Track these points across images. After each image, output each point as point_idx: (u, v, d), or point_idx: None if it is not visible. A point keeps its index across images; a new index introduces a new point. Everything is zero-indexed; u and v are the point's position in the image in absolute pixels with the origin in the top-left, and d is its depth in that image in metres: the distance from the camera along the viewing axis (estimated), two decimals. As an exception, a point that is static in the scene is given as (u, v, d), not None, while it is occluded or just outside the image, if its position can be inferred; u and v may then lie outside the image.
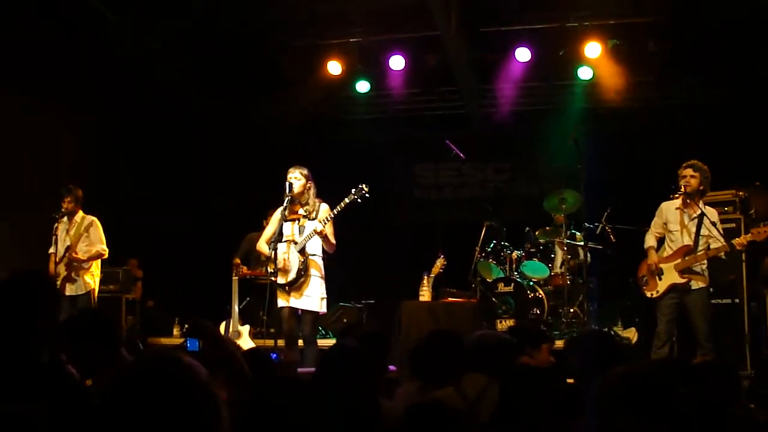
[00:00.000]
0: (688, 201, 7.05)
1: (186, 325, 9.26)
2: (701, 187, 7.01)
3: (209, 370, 1.75)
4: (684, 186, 6.97)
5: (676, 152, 10.03)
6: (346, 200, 6.92)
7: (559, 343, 7.87)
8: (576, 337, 4.84)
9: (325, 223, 6.90)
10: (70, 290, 8.21)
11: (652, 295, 7.13)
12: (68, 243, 8.27)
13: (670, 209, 7.19)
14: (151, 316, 10.41)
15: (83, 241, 8.34)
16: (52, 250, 8.28)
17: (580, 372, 3.89)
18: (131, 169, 10.17)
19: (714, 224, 6.91)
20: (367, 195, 6.93)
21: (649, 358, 6.79)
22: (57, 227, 8.31)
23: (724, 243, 6.81)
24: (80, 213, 8.42)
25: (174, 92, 10.63)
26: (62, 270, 8.20)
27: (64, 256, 8.24)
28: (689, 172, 6.98)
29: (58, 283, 8.11)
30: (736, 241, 6.86)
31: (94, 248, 8.36)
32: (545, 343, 4.78)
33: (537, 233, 9.84)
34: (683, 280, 6.94)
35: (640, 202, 9.85)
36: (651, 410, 2.22)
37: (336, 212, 6.93)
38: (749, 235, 6.87)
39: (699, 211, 6.99)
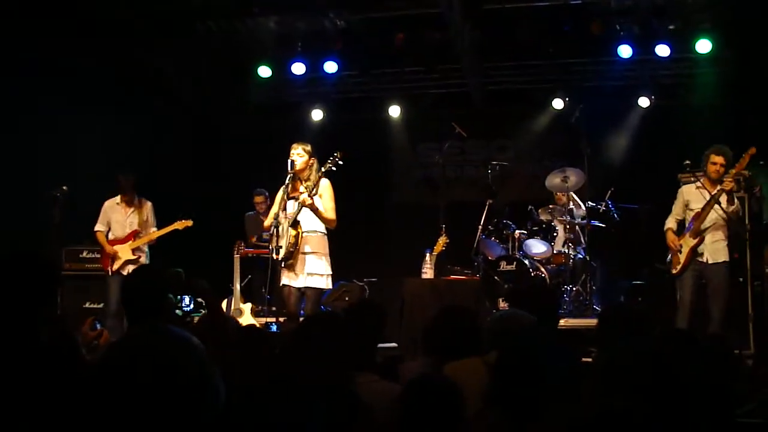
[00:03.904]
0: (711, 183, 7.21)
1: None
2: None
3: (205, 343, 1.73)
4: (714, 173, 7.13)
5: (681, 130, 10.02)
6: (322, 169, 6.89)
7: (563, 322, 7.92)
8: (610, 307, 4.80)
9: (311, 194, 6.83)
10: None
11: (676, 270, 7.27)
12: (135, 228, 8.48)
13: (691, 191, 7.40)
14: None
15: (147, 226, 8.59)
16: (99, 227, 8.49)
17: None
18: (133, 152, 10.10)
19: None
20: (340, 161, 6.85)
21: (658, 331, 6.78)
22: (108, 207, 8.56)
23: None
24: (137, 198, 8.64)
25: (174, 78, 10.62)
26: (129, 254, 8.37)
27: (126, 240, 8.43)
28: (720, 160, 7.13)
29: (119, 264, 8.33)
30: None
31: (151, 229, 8.61)
32: None
33: (539, 212, 9.81)
34: (696, 240, 7.13)
35: (644, 181, 9.84)
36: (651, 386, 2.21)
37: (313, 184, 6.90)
38: (725, 183, 7.03)
39: (715, 192, 7.13)
